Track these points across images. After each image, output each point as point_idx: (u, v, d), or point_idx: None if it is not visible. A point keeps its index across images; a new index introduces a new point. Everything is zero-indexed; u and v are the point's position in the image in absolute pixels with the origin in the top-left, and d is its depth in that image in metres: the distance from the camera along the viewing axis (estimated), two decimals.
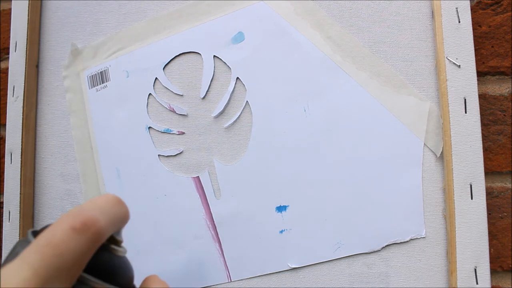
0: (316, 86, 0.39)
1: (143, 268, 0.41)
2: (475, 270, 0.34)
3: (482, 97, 0.39)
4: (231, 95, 0.41)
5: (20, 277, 0.19)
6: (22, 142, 0.45)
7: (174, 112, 0.42)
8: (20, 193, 0.44)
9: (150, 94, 0.43)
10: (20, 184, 0.44)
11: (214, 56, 0.41)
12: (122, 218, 0.24)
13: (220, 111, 0.41)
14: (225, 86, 0.41)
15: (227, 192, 0.40)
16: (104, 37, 0.45)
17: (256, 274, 0.39)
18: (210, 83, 0.42)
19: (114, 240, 0.24)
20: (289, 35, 0.40)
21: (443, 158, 0.36)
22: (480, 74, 0.39)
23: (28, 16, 0.46)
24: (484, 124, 0.38)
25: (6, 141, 0.46)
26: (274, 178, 0.39)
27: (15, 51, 0.47)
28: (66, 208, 0.45)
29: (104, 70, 0.45)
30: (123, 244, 0.25)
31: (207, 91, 0.42)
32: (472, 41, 0.36)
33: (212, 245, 0.40)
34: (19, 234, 0.44)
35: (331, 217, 0.38)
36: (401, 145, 0.37)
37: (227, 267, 0.40)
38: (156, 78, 0.43)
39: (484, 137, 0.38)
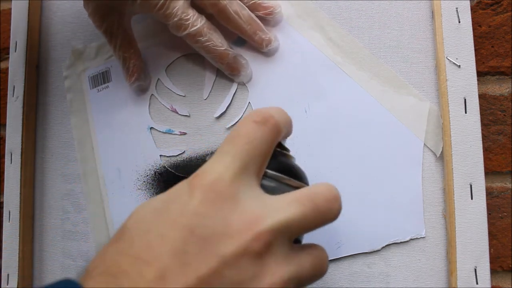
0: (316, 87, 0.39)
1: None
2: (475, 270, 0.34)
3: (482, 97, 0.39)
4: (233, 96, 0.41)
5: (222, 163, 0.23)
6: (22, 142, 0.45)
7: (176, 112, 0.42)
8: (20, 193, 0.44)
9: (152, 95, 0.43)
10: (20, 184, 0.44)
11: None
12: (290, 121, 0.27)
13: (222, 112, 0.41)
14: (228, 88, 0.41)
15: None
16: None
17: None
18: (213, 85, 0.42)
19: (285, 149, 0.27)
20: (290, 37, 0.40)
21: (443, 158, 0.36)
22: (480, 74, 0.39)
23: (28, 16, 0.46)
24: (484, 124, 0.38)
25: (6, 141, 0.46)
26: None
27: (15, 51, 0.47)
28: (67, 208, 0.45)
29: (106, 71, 0.45)
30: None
31: (210, 92, 0.42)
32: (472, 41, 0.36)
33: None
34: (19, 234, 0.44)
35: None
36: (401, 145, 0.37)
37: None
38: (158, 79, 0.43)
39: (484, 137, 0.38)
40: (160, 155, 0.42)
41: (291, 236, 0.23)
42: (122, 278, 0.20)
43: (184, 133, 0.42)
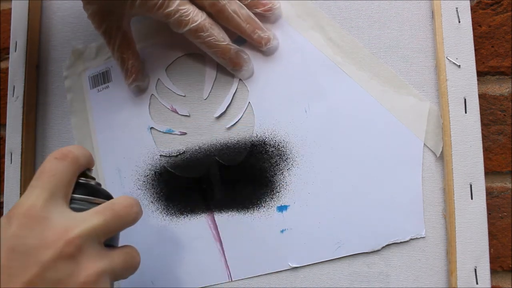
0: (316, 87, 0.39)
1: (143, 267, 0.41)
2: (475, 270, 0.34)
3: (482, 97, 0.39)
4: (233, 96, 0.41)
5: (33, 195, 0.28)
6: (22, 142, 0.45)
7: (176, 112, 0.42)
8: (20, 193, 0.44)
9: (152, 94, 0.43)
10: (20, 184, 0.44)
11: None
12: (89, 155, 0.32)
13: (222, 112, 0.41)
14: (228, 87, 0.41)
15: (229, 192, 0.40)
16: None
17: (257, 273, 0.39)
18: (213, 84, 0.42)
19: (90, 177, 0.33)
20: (289, 37, 0.40)
21: (443, 158, 0.36)
22: (480, 74, 0.39)
23: (28, 16, 0.46)
24: (484, 124, 0.38)
25: (6, 141, 0.46)
26: (275, 178, 0.39)
27: (15, 51, 0.47)
28: None
29: (106, 71, 0.45)
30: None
31: (210, 92, 0.42)
32: (472, 41, 0.36)
33: (213, 244, 0.40)
34: None
35: (332, 216, 0.38)
36: (401, 145, 0.37)
37: (227, 266, 0.40)
38: (158, 79, 0.43)
39: (484, 137, 0.38)
40: (160, 155, 0.42)
41: (99, 239, 0.29)
42: None
43: (184, 133, 0.42)
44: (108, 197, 0.33)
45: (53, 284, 0.26)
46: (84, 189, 0.31)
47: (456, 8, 0.36)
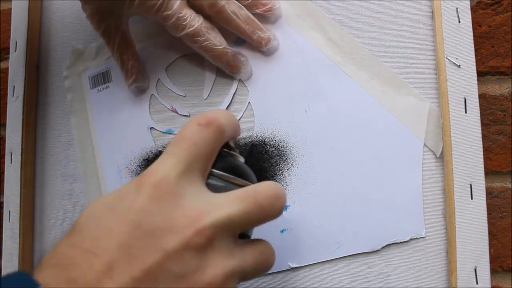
0: (316, 87, 0.39)
1: None
2: (475, 270, 0.34)
3: (482, 97, 0.39)
4: (233, 96, 0.41)
5: (168, 164, 0.24)
6: (22, 142, 0.45)
7: (176, 112, 0.42)
8: (20, 193, 0.44)
9: (152, 95, 0.43)
10: (20, 184, 0.44)
11: None
12: (236, 123, 0.28)
13: None
14: (227, 88, 0.41)
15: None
16: None
17: None
18: (213, 84, 0.42)
19: (232, 149, 0.28)
20: (289, 37, 0.40)
21: (443, 158, 0.36)
22: (480, 74, 0.39)
23: (28, 16, 0.46)
24: (484, 124, 0.38)
25: (6, 141, 0.46)
26: (275, 178, 0.39)
27: (15, 51, 0.47)
28: (67, 208, 0.45)
29: (106, 71, 0.45)
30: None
31: (210, 92, 0.42)
32: (472, 41, 0.36)
33: None
34: (19, 234, 0.44)
35: (332, 216, 0.38)
36: (401, 145, 0.37)
37: None
38: (158, 79, 0.43)
39: (484, 137, 0.38)
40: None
41: (234, 232, 0.25)
42: (72, 269, 0.21)
43: None
44: (250, 177, 0.29)
45: (174, 278, 0.22)
46: (226, 164, 0.27)
47: (456, 8, 0.36)
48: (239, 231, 0.25)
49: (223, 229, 0.24)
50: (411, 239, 0.36)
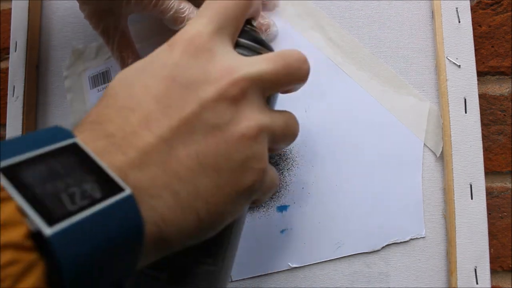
0: (316, 87, 0.39)
1: None
2: (475, 270, 0.34)
3: (482, 97, 0.39)
4: None
5: (200, 23, 0.25)
6: None
7: None
8: None
9: None
10: None
11: None
12: (259, 2, 0.29)
13: None
14: None
15: None
16: None
17: (257, 273, 0.39)
18: None
19: (254, 26, 0.29)
20: (289, 37, 0.40)
21: (443, 158, 0.36)
22: (480, 74, 0.39)
23: (28, 16, 0.46)
24: (484, 124, 0.38)
25: None
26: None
27: (15, 51, 0.47)
28: None
29: (106, 71, 0.45)
30: None
31: None
32: (472, 41, 0.36)
33: None
34: None
35: (332, 216, 0.38)
36: (401, 145, 0.37)
37: None
38: None
39: (484, 137, 0.38)
40: None
41: (265, 90, 0.25)
42: (108, 124, 0.21)
43: None
44: (273, 50, 0.29)
45: (210, 127, 0.22)
46: (251, 36, 0.28)
47: (456, 8, 0.36)
48: (269, 91, 0.26)
49: (255, 83, 0.24)
50: (411, 239, 0.36)
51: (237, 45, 0.27)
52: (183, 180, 0.21)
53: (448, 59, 0.36)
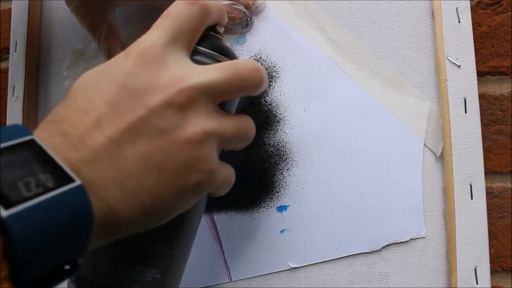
0: (316, 87, 0.39)
1: None
2: (475, 270, 0.34)
3: (482, 97, 0.39)
4: None
5: (154, 34, 0.26)
6: None
7: None
8: None
9: None
10: None
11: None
12: (221, 8, 0.30)
13: None
14: None
15: (228, 192, 0.40)
16: None
17: (257, 273, 0.39)
18: None
19: (219, 33, 0.30)
20: (289, 37, 0.40)
21: (443, 158, 0.36)
22: (480, 74, 0.39)
23: (28, 16, 0.46)
24: (484, 124, 0.38)
25: None
26: (275, 178, 0.39)
27: (15, 51, 0.47)
28: None
29: None
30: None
31: None
32: (472, 41, 0.36)
33: (212, 244, 0.40)
34: None
35: (332, 216, 0.38)
36: (401, 145, 0.37)
37: (227, 266, 0.40)
38: None
39: (484, 137, 0.38)
40: None
41: (215, 98, 0.27)
42: (64, 123, 0.23)
43: None
44: (233, 56, 0.30)
45: (157, 132, 0.24)
46: (211, 43, 0.29)
47: (456, 8, 0.36)
48: (219, 99, 0.27)
49: (204, 92, 0.26)
50: (411, 239, 0.36)
51: (196, 53, 0.28)
52: (129, 176, 0.23)
53: (448, 59, 0.36)
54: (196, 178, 0.25)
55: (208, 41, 0.29)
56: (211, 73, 0.26)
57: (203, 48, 0.28)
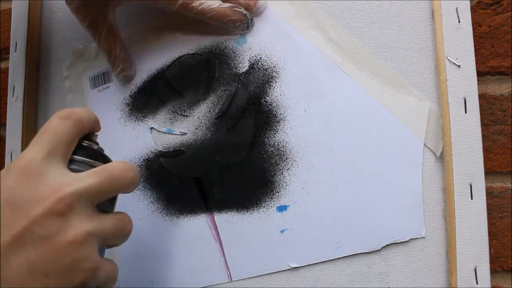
0: (316, 87, 0.39)
1: (143, 267, 0.41)
2: (475, 270, 0.34)
3: (482, 97, 0.39)
4: (233, 96, 0.41)
5: (33, 150, 0.29)
6: (22, 142, 0.45)
7: (177, 113, 0.42)
8: None
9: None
10: None
11: (217, 57, 0.41)
12: (94, 119, 0.33)
13: (222, 112, 0.41)
14: (228, 87, 0.41)
15: (228, 192, 0.40)
16: None
17: (257, 273, 0.39)
18: (213, 83, 0.42)
19: (93, 141, 0.33)
20: (290, 37, 0.40)
21: (443, 158, 0.36)
22: (480, 74, 0.39)
23: (28, 16, 0.46)
24: (484, 124, 0.38)
25: (6, 141, 0.46)
26: (275, 178, 0.39)
27: (15, 51, 0.47)
28: None
29: (107, 71, 0.45)
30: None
31: (210, 92, 0.42)
32: (472, 41, 0.36)
33: (213, 244, 0.40)
34: None
35: (332, 216, 0.38)
36: (401, 145, 0.37)
37: (227, 266, 0.40)
38: (159, 79, 0.43)
39: (484, 137, 0.39)
40: (160, 155, 0.42)
41: (92, 201, 0.29)
42: None
43: (184, 133, 0.42)
44: (108, 161, 0.33)
45: (40, 239, 0.26)
46: (85, 151, 0.32)
47: (456, 8, 0.36)
48: (96, 201, 0.30)
49: (81, 197, 0.28)
50: (411, 239, 0.36)
51: (72, 162, 0.31)
52: (14, 284, 0.26)
53: (448, 59, 0.36)
54: (81, 277, 0.27)
55: (82, 150, 0.32)
56: (86, 179, 0.29)
57: (78, 157, 0.31)
